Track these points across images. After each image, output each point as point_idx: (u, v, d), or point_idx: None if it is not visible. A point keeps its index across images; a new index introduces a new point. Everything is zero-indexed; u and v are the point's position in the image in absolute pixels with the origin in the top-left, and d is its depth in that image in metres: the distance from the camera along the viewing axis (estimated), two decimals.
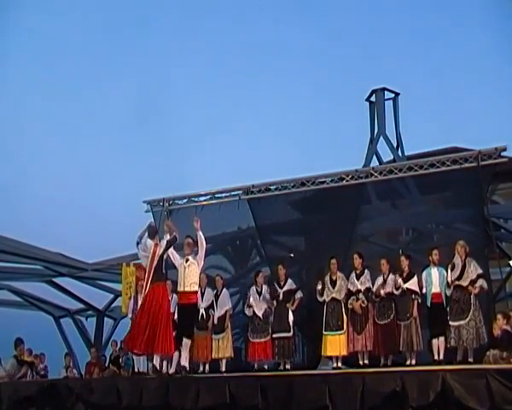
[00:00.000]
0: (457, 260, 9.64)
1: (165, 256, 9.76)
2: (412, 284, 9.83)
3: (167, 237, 9.76)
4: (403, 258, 10.06)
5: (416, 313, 9.73)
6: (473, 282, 9.47)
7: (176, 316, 10.73)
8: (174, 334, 10.00)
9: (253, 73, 50.62)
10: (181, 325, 9.96)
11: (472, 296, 9.45)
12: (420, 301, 9.81)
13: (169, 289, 10.49)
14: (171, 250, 9.84)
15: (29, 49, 43.04)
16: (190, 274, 9.74)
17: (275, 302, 10.94)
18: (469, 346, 9.32)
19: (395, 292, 9.95)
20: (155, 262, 9.61)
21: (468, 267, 9.54)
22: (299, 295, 10.95)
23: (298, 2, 45.86)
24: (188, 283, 9.71)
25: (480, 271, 9.56)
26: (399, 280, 9.88)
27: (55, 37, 43.62)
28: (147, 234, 9.90)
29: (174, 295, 11.04)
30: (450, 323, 9.45)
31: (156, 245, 9.73)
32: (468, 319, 9.35)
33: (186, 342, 9.79)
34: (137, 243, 10.07)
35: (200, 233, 9.79)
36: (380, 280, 10.18)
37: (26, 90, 45.15)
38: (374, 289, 10.19)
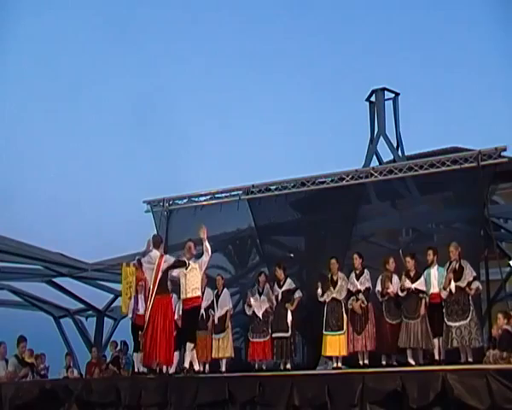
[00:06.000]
0: (454, 262, 9.66)
1: (170, 271, 9.72)
2: (420, 284, 9.80)
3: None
4: (408, 258, 10.00)
5: (424, 311, 9.69)
6: (469, 284, 9.50)
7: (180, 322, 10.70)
8: (175, 335, 10.00)
9: (253, 73, 50.64)
10: (184, 328, 10.00)
11: (470, 297, 9.49)
12: (427, 300, 9.77)
13: (174, 302, 10.43)
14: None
15: (29, 50, 43.18)
16: (192, 279, 9.71)
17: (275, 302, 10.96)
18: (471, 346, 9.34)
19: (400, 294, 9.93)
20: (159, 275, 9.57)
21: (465, 269, 9.57)
22: (298, 294, 10.92)
23: (298, 2, 45.89)
24: (189, 289, 9.69)
25: (474, 273, 9.60)
26: (407, 282, 9.85)
27: (54, 39, 43.76)
28: (152, 244, 9.80)
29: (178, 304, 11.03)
30: (451, 324, 9.44)
31: (162, 257, 9.67)
32: (468, 319, 9.36)
33: (189, 345, 9.79)
34: (138, 260, 9.98)
35: (207, 243, 9.73)
36: (386, 280, 10.13)
37: (27, 92, 45.23)
38: (379, 288, 10.13)
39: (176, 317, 10.69)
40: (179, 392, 8.95)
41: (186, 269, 9.70)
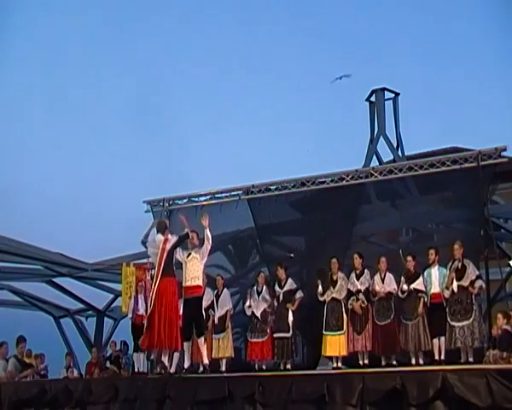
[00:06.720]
0: (456, 261, 9.66)
1: (174, 252, 9.69)
2: (419, 284, 9.80)
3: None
4: (410, 258, 10.02)
5: (422, 311, 9.71)
6: (472, 282, 9.50)
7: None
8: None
9: (253, 73, 50.64)
10: (185, 320, 9.87)
11: (473, 297, 9.49)
12: (426, 299, 9.78)
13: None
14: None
15: (28, 51, 43.09)
16: (191, 268, 9.67)
17: (275, 303, 10.95)
18: (473, 346, 9.35)
19: (400, 295, 9.93)
20: (164, 257, 9.53)
21: (467, 268, 9.57)
22: (299, 294, 10.93)
23: (298, 2, 45.89)
24: (189, 277, 9.65)
25: (477, 272, 9.61)
26: (404, 284, 9.85)
27: (53, 40, 43.66)
28: (155, 229, 9.84)
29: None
30: (454, 323, 9.45)
31: (166, 240, 9.64)
32: (471, 319, 9.38)
33: (200, 340, 9.80)
34: (143, 243, 9.99)
35: (208, 231, 9.69)
36: (377, 279, 10.16)
37: (26, 93, 45.20)
38: (370, 288, 10.18)
39: None
40: (178, 391, 8.95)
41: (188, 258, 9.69)
